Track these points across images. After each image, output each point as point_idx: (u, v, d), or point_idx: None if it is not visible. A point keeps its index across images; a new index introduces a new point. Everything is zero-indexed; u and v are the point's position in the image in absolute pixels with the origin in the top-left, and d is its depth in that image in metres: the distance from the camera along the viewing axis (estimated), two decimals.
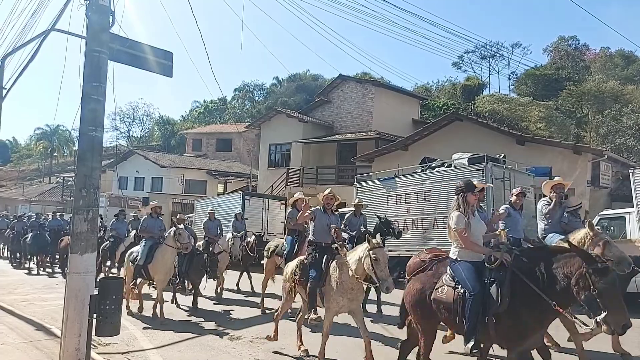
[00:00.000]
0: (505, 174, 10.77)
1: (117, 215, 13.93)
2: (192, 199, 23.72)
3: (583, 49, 43.94)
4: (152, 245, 8.62)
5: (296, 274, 6.21)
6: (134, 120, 58.63)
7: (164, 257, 8.37)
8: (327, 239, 6.37)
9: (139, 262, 8.50)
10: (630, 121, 25.34)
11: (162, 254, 8.41)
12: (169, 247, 8.38)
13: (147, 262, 8.46)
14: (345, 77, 26.61)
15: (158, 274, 8.41)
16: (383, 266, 5.02)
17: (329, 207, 6.73)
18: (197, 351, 6.36)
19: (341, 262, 5.62)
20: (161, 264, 8.38)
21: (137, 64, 6.13)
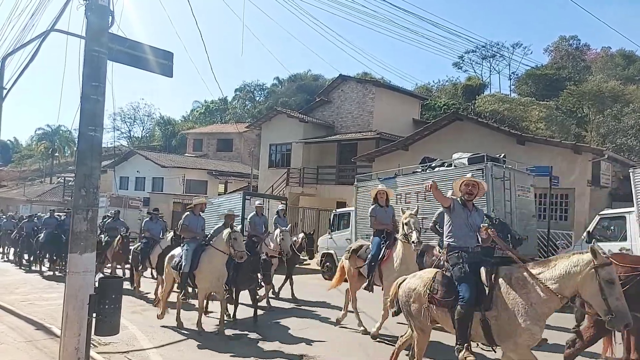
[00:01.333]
0: (506, 174, 10.77)
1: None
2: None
3: (584, 48, 43.91)
4: (196, 249, 7.48)
5: (435, 290, 4.52)
6: (135, 121, 58.71)
7: (211, 263, 7.22)
8: (472, 242, 4.70)
9: (184, 269, 7.36)
10: (631, 121, 25.28)
11: (210, 259, 7.24)
12: (219, 251, 7.19)
13: (193, 268, 7.36)
14: (346, 77, 26.61)
15: (204, 282, 7.35)
16: (618, 293, 3.62)
17: (470, 199, 4.86)
18: (198, 351, 6.38)
19: (520, 276, 4.10)
20: (208, 271, 7.23)
21: (137, 64, 6.13)
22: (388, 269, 6.94)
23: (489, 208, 10.30)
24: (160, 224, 11.74)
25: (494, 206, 10.33)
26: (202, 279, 7.32)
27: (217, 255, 7.17)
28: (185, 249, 7.52)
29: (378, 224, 7.51)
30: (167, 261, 8.06)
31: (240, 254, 6.93)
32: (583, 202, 14.41)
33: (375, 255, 7.16)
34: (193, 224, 7.94)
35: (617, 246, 9.75)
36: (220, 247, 7.16)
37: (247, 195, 16.49)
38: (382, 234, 7.35)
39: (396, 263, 6.85)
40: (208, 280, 7.27)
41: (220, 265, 7.20)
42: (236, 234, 7.06)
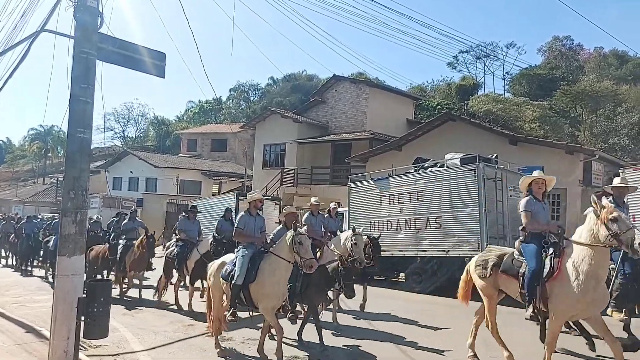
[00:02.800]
0: (498, 174, 10.83)
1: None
2: (187, 200, 23.68)
3: (577, 48, 44.15)
4: (254, 256, 6.08)
5: None
6: (129, 121, 58.49)
7: (274, 275, 5.77)
8: None
9: (237, 280, 5.94)
10: (624, 120, 25.49)
11: (272, 269, 5.80)
12: (283, 260, 5.72)
13: (248, 280, 5.93)
14: (340, 77, 26.64)
15: (264, 299, 5.82)
16: None
17: None
18: (188, 352, 6.36)
19: None
20: (270, 285, 5.79)
21: (128, 65, 6.10)
22: (561, 287, 4.77)
23: (481, 208, 10.35)
24: (197, 224, 10.16)
25: (486, 206, 10.37)
26: (262, 295, 5.84)
27: (281, 265, 5.73)
28: (241, 256, 6.06)
29: (535, 224, 5.36)
30: (216, 269, 6.44)
31: (309, 263, 5.52)
32: (575, 201, 14.50)
33: (537, 270, 5.00)
34: (249, 226, 6.42)
35: None
36: (283, 255, 5.72)
37: (241, 196, 16.46)
38: (541, 238, 5.26)
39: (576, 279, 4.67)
40: (269, 295, 5.80)
41: (284, 278, 5.82)
42: (302, 237, 5.65)
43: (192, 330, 7.58)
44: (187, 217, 10.07)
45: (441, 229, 11.37)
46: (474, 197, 10.55)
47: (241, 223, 6.43)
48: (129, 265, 10.17)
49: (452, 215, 11.16)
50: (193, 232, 9.85)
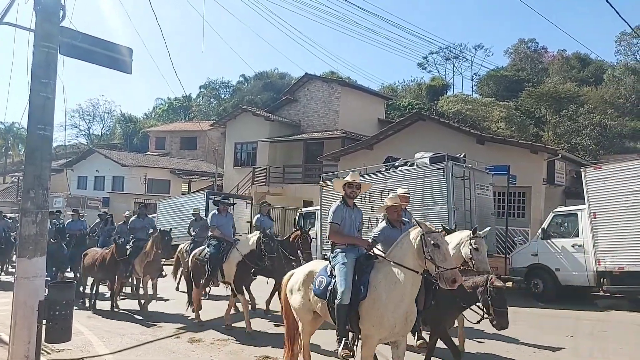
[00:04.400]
0: (466, 173, 11.03)
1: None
2: (155, 199, 23.20)
3: (542, 51, 45.58)
4: (359, 264, 4.45)
5: None
6: (95, 118, 56.77)
7: (394, 290, 4.12)
8: None
9: (342, 298, 4.22)
10: (586, 121, 26.43)
11: (390, 282, 4.15)
12: (407, 270, 4.11)
13: (357, 298, 4.23)
14: (312, 76, 26.64)
15: (377, 324, 4.13)
16: None
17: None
18: (156, 355, 6.24)
19: None
20: (387, 305, 4.10)
21: (92, 60, 5.91)
22: None
23: (449, 206, 10.54)
24: (230, 218, 8.44)
25: (454, 204, 10.56)
26: (376, 318, 4.12)
27: (404, 277, 4.11)
28: (341, 264, 4.42)
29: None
30: (302, 281, 4.81)
31: (451, 275, 3.87)
32: (539, 199, 14.95)
33: None
34: (347, 222, 4.68)
35: (570, 242, 10.19)
36: (407, 262, 4.12)
37: (211, 195, 16.23)
38: None
39: None
40: (385, 319, 4.08)
41: (409, 295, 4.14)
42: (436, 237, 4.04)
43: (160, 332, 7.44)
44: (218, 210, 8.23)
45: None
46: (443, 195, 10.73)
47: (337, 217, 4.63)
48: (142, 270, 8.91)
49: (422, 213, 11.28)
50: (227, 227, 8.02)
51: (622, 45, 38.32)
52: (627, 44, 37.80)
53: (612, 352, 6.28)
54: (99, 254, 9.34)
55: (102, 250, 9.56)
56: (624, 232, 8.97)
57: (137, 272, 9.15)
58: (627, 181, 8.92)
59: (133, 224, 9.96)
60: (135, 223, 9.98)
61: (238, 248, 7.57)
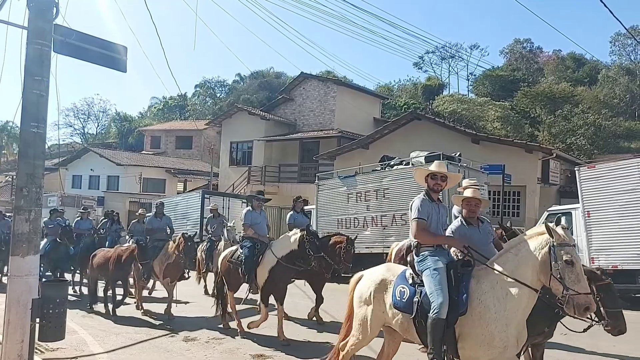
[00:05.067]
0: (460, 172, 11.06)
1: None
2: (151, 198, 23.14)
3: (537, 51, 45.77)
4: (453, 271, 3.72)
5: None
6: (89, 117, 56.46)
7: (505, 308, 3.42)
8: None
9: (438, 311, 3.51)
10: (580, 121, 26.56)
11: (499, 297, 3.45)
12: (522, 286, 3.41)
13: (456, 312, 3.54)
14: (308, 75, 26.65)
15: (484, 345, 3.43)
16: None
17: None
18: (151, 354, 6.20)
19: None
20: (497, 323, 3.41)
21: (87, 58, 5.88)
22: None
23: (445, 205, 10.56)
24: (265, 216, 7.84)
25: (449, 203, 10.59)
26: (484, 338, 3.42)
27: (521, 291, 3.41)
28: (433, 269, 3.69)
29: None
30: (374, 289, 4.08)
31: (585, 302, 3.22)
32: (533, 198, 15.03)
33: None
34: (433, 219, 3.94)
35: None
36: (523, 276, 3.40)
37: (207, 194, 16.23)
38: None
39: None
40: (497, 341, 3.39)
41: (522, 313, 3.46)
42: (571, 250, 3.33)
43: (155, 331, 7.40)
44: (252, 207, 7.50)
45: (407, 226, 11.50)
46: None
47: (423, 212, 3.88)
48: (161, 272, 8.35)
49: None
50: (262, 227, 7.25)
51: (616, 46, 38.59)
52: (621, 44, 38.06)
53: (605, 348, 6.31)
54: (113, 253, 8.67)
55: (114, 250, 8.92)
56: (617, 230, 9.03)
57: (156, 274, 8.52)
58: (620, 180, 8.98)
59: (150, 224, 9.47)
60: (153, 223, 9.49)
61: (273, 250, 6.68)
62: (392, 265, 4.72)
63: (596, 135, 26.27)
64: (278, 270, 6.50)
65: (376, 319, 4.07)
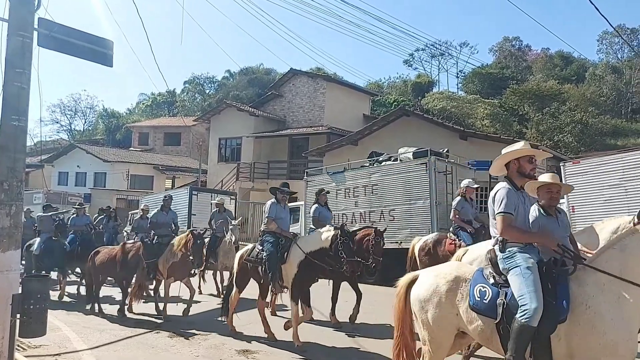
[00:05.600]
0: (448, 168, 11.13)
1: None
2: (139, 195, 22.94)
3: (525, 49, 46.21)
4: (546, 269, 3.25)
5: None
6: (76, 113, 55.86)
7: (621, 308, 2.96)
8: None
9: (529, 317, 3.05)
10: (568, 119, 26.82)
11: (611, 300, 3.00)
12: None
13: (555, 318, 3.08)
14: (297, 71, 26.57)
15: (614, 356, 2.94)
16: None
17: None
18: (135, 350, 6.15)
19: None
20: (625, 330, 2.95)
21: (71, 52, 5.78)
22: None
23: (432, 200, 10.62)
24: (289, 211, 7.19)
25: (436, 199, 10.65)
26: (606, 349, 2.95)
27: (636, 293, 2.99)
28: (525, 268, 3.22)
29: None
30: (445, 291, 3.52)
31: None
32: None
33: None
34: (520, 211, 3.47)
35: None
36: (634, 275, 3.00)
37: (195, 191, 16.12)
38: None
39: None
40: (621, 349, 2.95)
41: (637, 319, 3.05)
42: None
43: (140, 327, 7.34)
44: (276, 199, 6.74)
45: (395, 222, 11.57)
46: (426, 189, 10.82)
47: (509, 205, 3.41)
48: (166, 271, 7.85)
49: (405, 208, 11.37)
50: (286, 222, 6.72)
51: (603, 44, 39.10)
52: (608, 42, 38.56)
53: None
54: (119, 251, 8.22)
55: (120, 247, 8.45)
56: None
57: (160, 273, 7.98)
58: (604, 175, 9.07)
59: (155, 218, 8.79)
60: (158, 217, 8.80)
61: (300, 244, 6.20)
62: (462, 264, 4.23)
63: (583, 132, 26.55)
64: (306, 266, 6.01)
65: (449, 323, 3.44)
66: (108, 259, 8.24)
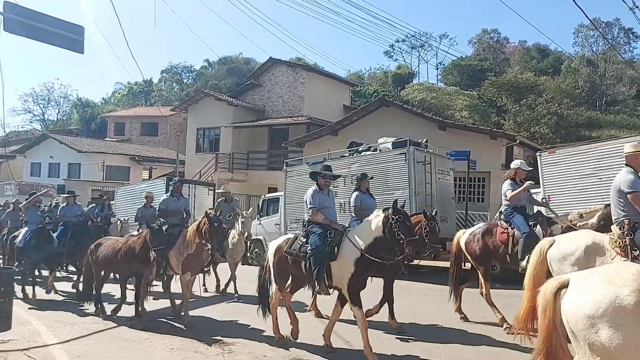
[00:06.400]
0: (427, 158, 11.16)
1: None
2: (114, 186, 22.45)
3: (504, 41, 46.67)
4: None
5: None
6: (50, 103, 54.33)
7: None
8: None
9: None
10: (544, 110, 27.22)
11: None
12: None
13: None
14: (276, 60, 26.27)
15: None
16: None
17: None
18: (107, 343, 5.99)
19: None
20: None
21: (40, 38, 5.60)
22: None
23: (411, 190, 10.64)
24: (333, 198, 5.98)
25: (415, 189, 10.67)
26: None
27: None
28: None
29: None
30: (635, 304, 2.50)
31: None
32: (498, 184, 15.27)
33: None
34: None
35: None
36: None
37: (171, 181, 15.78)
38: None
39: None
40: None
41: None
42: None
43: (116, 320, 7.14)
44: (318, 186, 5.68)
45: None
46: (405, 179, 10.83)
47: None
48: (179, 265, 6.86)
49: (384, 198, 11.33)
50: (332, 210, 5.77)
51: (579, 37, 39.72)
52: (584, 35, 39.18)
53: None
54: (124, 244, 7.13)
55: (126, 239, 7.40)
56: None
57: (172, 267, 6.99)
58: (578, 165, 9.21)
59: (165, 205, 7.71)
60: (169, 203, 7.71)
61: (352, 239, 5.17)
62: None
63: (558, 124, 26.98)
64: (363, 264, 5.05)
65: None
66: (113, 251, 7.12)
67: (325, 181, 5.71)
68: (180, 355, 5.46)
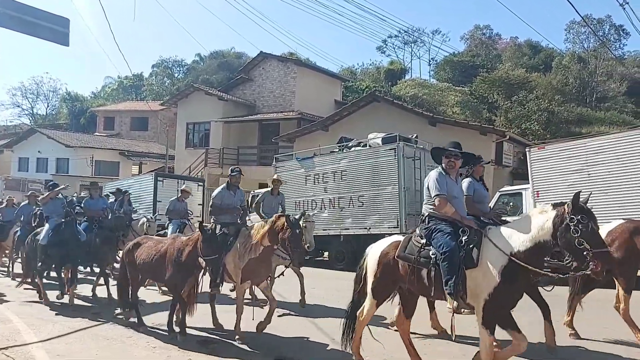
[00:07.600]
0: (416, 153, 11.11)
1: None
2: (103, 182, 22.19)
3: (496, 37, 46.73)
4: None
5: None
6: (38, 97, 53.63)
7: None
8: None
9: None
10: (535, 107, 27.29)
11: None
12: None
13: None
14: (267, 54, 26.07)
15: None
16: None
17: None
18: (88, 342, 5.86)
19: None
20: None
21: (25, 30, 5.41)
22: None
23: (400, 186, 10.58)
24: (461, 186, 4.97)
25: (405, 185, 10.61)
26: None
27: None
28: None
29: None
30: None
31: None
32: (487, 180, 15.22)
33: None
34: None
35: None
36: None
37: (160, 177, 15.66)
38: None
39: None
40: None
41: None
42: None
43: (97, 318, 7.01)
44: (442, 169, 4.49)
45: (363, 208, 11.51)
46: (394, 175, 10.78)
47: None
48: (240, 272, 5.68)
49: (373, 194, 11.32)
50: (461, 202, 4.63)
51: (571, 34, 39.81)
52: (576, 32, 39.27)
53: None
54: (170, 246, 5.91)
55: (172, 240, 6.10)
56: None
57: (230, 275, 5.82)
58: (567, 161, 9.20)
59: (220, 199, 6.40)
60: (224, 198, 6.41)
61: (496, 241, 3.86)
62: None
63: (549, 120, 27.06)
64: (511, 275, 3.74)
65: None
66: (155, 255, 5.98)
67: (449, 161, 4.42)
68: (162, 354, 5.35)
